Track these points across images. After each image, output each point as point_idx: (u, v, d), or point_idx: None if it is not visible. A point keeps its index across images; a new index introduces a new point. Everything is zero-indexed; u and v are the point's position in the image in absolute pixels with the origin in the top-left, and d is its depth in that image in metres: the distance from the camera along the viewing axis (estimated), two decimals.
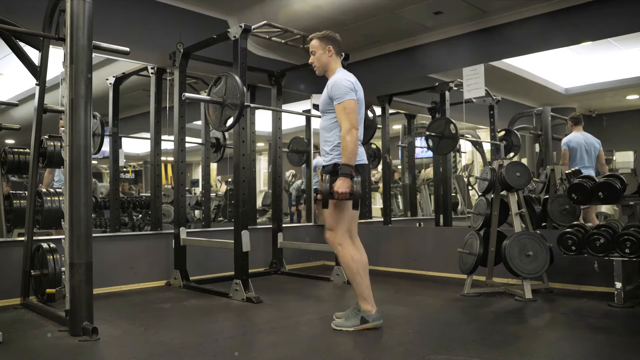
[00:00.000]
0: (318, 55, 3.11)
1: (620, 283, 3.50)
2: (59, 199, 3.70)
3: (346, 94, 2.92)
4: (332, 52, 3.09)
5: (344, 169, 2.84)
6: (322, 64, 3.12)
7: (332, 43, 3.09)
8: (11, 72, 4.84)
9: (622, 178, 3.73)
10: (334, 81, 3.00)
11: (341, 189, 2.81)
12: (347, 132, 2.87)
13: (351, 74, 3.08)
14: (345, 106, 2.90)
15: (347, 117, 2.89)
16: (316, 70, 3.18)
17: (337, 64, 3.12)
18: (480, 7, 4.79)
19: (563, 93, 5.62)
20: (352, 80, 3.00)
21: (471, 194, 6.71)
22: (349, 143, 2.85)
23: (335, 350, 2.69)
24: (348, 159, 2.85)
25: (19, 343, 2.76)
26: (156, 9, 4.83)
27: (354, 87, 2.97)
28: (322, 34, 3.12)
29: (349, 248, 2.99)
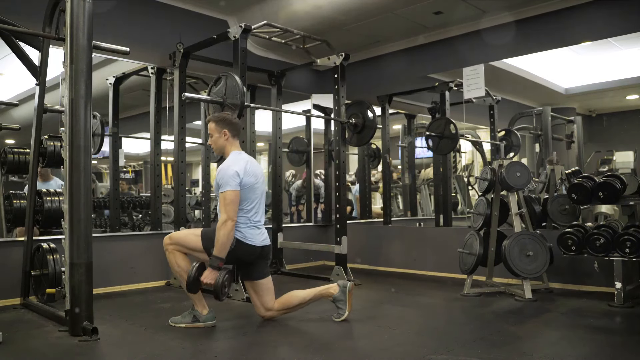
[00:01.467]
0: (215, 139, 3.14)
1: (620, 283, 3.50)
2: (59, 199, 3.70)
3: (227, 184, 2.93)
4: (227, 135, 3.12)
5: (213, 260, 2.92)
6: (219, 147, 3.16)
7: (228, 126, 3.13)
8: (11, 72, 4.83)
9: (622, 178, 3.73)
10: (221, 168, 3.05)
11: (206, 280, 2.92)
12: (221, 224, 2.90)
13: (242, 159, 3.07)
14: (225, 197, 2.92)
15: (225, 208, 2.91)
16: (214, 152, 3.23)
17: (233, 146, 3.15)
18: (480, 7, 4.79)
19: (563, 93, 5.62)
20: (237, 168, 2.98)
21: (471, 194, 6.71)
22: (220, 236, 2.89)
23: (335, 350, 2.69)
24: (219, 251, 2.91)
25: (19, 343, 2.76)
26: (156, 9, 4.83)
27: (238, 176, 2.96)
28: (218, 116, 3.17)
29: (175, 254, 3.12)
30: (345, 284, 3.18)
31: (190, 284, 2.96)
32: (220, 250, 2.91)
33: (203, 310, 3.10)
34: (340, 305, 3.16)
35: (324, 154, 6.28)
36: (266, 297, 3.17)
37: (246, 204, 3.02)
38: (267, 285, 3.17)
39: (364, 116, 4.84)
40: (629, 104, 5.38)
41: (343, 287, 3.16)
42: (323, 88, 6.12)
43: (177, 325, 3.10)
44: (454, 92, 5.43)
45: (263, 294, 3.16)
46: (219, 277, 2.91)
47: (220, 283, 2.91)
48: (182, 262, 3.10)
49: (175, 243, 3.12)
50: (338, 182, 4.74)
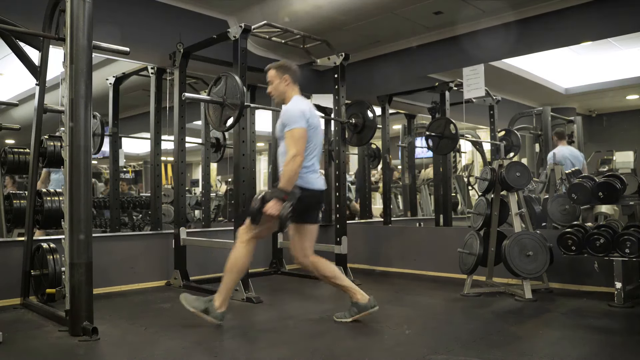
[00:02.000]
0: (275, 85, 3.19)
1: (620, 283, 3.50)
2: (59, 199, 3.70)
3: (295, 122, 2.99)
4: (288, 81, 3.18)
5: (278, 192, 2.92)
6: (279, 93, 3.20)
7: (288, 72, 3.19)
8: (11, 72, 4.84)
9: (622, 178, 3.73)
10: (286, 109, 3.10)
11: (270, 210, 2.88)
12: (291, 159, 2.94)
13: (306, 101, 3.18)
14: (294, 133, 2.97)
15: (294, 144, 2.96)
16: (275, 99, 3.27)
17: (293, 92, 3.20)
18: (480, 7, 4.79)
19: (563, 93, 5.62)
20: (304, 108, 3.06)
21: (471, 194, 6.72)
22: (288, 169, 2.93)
23: (335, 350, 2.69)
24: (285, 183, 2.93)
25: (19, 343, 2.76)
26: (156, 9, 4.83)
27: (305, 116, 3.02)
28: (279, 63, 3.22)
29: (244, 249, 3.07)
30: (375, 305, 3.12)
31: (255, 214, 2.92)
32: (286, 182, 2.91)
33: (221, 307, 3.03)
34: (352, 312, 3.12)
35: (324, 154, 6.28)
36: (309, 243, 3.19)
37: (309, 146, 3.04)
38: (314, 231, 3.20)
39: (364, 116, 4.84)
40: (629, 104, 5.38)
41: (372, 304, 3.11)
42: (323, 88, 6.10)
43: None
44: (454, 92, 5.43)
45: (307, 239, 3.19)
46: (284, 209, 2.87)
47: (285, 214, 2.87)
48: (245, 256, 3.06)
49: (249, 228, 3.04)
50: (338, 182, 4.74)
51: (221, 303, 3.02)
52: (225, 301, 3.05)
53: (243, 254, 3.06)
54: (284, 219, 2.89)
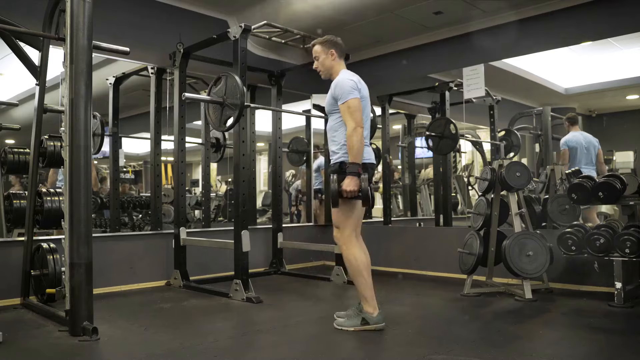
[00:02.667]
0: (322, 60, 3.17)
1: (620, 283, 3.50)
2: (59, 199, 3.70)
3: (349, 93, 2.94)
4: (334, 55, 3.15)
5: (352, 167, 2.86)
6: (326, 68, 3.17)
7: (334, 46, 3.15)
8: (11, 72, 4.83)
9: (622, 178, 3.73)
10: (337, 82, 3.05)
11: (349, 187, 2.84)
12: (352, 131, 2.89)
13: (354, 74, 3.11)
14: (350, 105, 2.93)
15: (352, 116, 2.91)
16: (321, 74, 3.22)
17: (340, 65, 3.17)
18: (480, 7, 4.79)
19: (563, 93, 5.61)
20: (354, 79, 3.03)
21: (471, 194, 6.71)
22: (354, 142, 2.88)
23: (335, 350, 2.69)
24: (354, 157, 2.88)
25: (19, 343, 2.76)
26: (156, 9, 4.83)
27: (357, 86, 3.00)
28: (324, 38, 3.19)
29: (353, 248, 2.99)
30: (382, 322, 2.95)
31: (335, 196, 2.87)
32: (356, 156, 2.87)
33: (374, 311, 2.95)
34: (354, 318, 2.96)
35: (324, 154, 6.27)
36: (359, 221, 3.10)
37: None
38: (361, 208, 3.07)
39: None
40: (629, 104, 5.37)
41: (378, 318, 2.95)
42: (323, 88, 6.10)
43: (345, 328, 2.95)
44: (454, 92, 5.42)
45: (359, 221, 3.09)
46: (363, 182, 2.82)
47: (366, 187, 2.82)
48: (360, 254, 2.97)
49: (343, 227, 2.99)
50: None
51: (372, 307, 2.95)
52: (372, 303, 2.95)
53: (355, 253, 2.98)
54: (366, 192, 2.83)
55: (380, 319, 2.96)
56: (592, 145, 5.00)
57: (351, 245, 3.00)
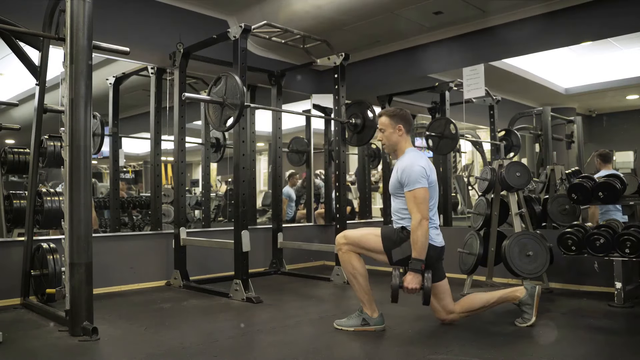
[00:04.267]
0: (387, 134, 2.99)
1: (620, 283, 3.50)
2: (59, 199, 3.70)
3: (417, 182, 2.78)
4: (402, 131, 2.98)
5: (415, 263, 2.76)
6: (392, 143, 3.01)
7: (403, 121, 2.98)
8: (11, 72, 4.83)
9: (622, 178, 3.73)
10: (405, 166, 2.86)
11: (411, 285, 2.76)
12: (417, 225, 2.75)
13: (423, 156, 2.95)
14: (416, 195, 2.77)
15: (418, 208, 2.76)
16: (385, 148, 3.10)
17: (407, 143, 3.01)
18: (480, 7, 4.79)
19: (563, 93, 5.62)
20: (423, 164, 2.85)
21: (471, 194, 6.71)
22: (419, 237, 2.74)
23: (335, 350, 2.69)
24: (419, 253, 2.76)
25: (19, 343, 2.76)
26: (156, 9, 4.83)
27: (426, 173, 2.83)
28: (393, 111, 3.03)
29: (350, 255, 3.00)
30: (533, 287, 2.96)
31: (395, 293, 2.81)
32: (420, 251, 2.75)
33: (373, 313, 2.96)
34: (527, 310, 2.96)
35: (324, 154, 6.28)
36: (447, 299, 3.00)
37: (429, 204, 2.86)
38: (446, 286, 2.99)
39: (364, 116, 4.83)
40: (629, 104, 5.37)
41: (531, 290, 2.95)
42: (323, 88, 6.12)
43: (344, 328, 2.96)
44: (454, 92, 5.43)
45: (444, 296, 2.99)
46: (426, 281, 2.74)
47: (429, 286, 2.75)
48: (357, 264, 2.96)
49: (351, 243, 2.98)
50: (338, 182, 4.74)
51: (371, 310, 2.97)
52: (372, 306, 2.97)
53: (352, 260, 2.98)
54: (427, 291, 2.76)
55: (380, 320, 2.97)
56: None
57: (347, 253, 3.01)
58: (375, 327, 2.95)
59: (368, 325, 2.94)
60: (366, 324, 2.95)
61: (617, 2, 4.29)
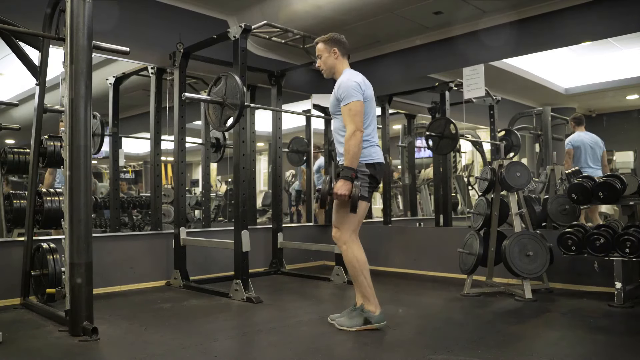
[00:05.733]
0: (324, 59, 3.14)
1: (620, 283, 3.50)
2: (59, 199, 3.70)
3: (352, 95, 2.91)
4: (337, 54, 3.11)
5: (345, 171, 2.85)
6: (329, 67, 3.14)
7: (337, 45, 3.12)
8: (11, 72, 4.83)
9: (622, 178, 3.73)
10: (340, 82, 3.02)
11: (340, 191, 2.83)
12: (350, 135, 2.86)
13: (359, 74, 3.07)
14: (351, 108, 2.89)
15: (352, 119, 2.88)
16: (323, 73, 3.20)
17: (343, 65, 3.14)
18: (480, 7, 4.79)
19: (563, 93, 5.62)
20: (358, 80, 2.98)
21: (471, 194, 6.71)
22: (351, 146, 2.85)
23: (335, 350, 2.69)
24: (350, 161, 2.85)
25: (19, 343, 2.76)
26: (156, 9, 4.83)
27: (360, 88, 2.95)
28: (327, 36, 3.15)
29: (353, 248, 2.99)
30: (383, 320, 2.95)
31: (323, 197, 2.87)
32: (351, 160, 2.84)
33: (375, 309, 2.96)
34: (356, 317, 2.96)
35: (324, 154, 6.27)
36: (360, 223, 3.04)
37: (366, 120, 2.95)
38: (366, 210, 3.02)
39: None
40: (629, 104, 5.37)
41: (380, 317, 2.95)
42: (323, 88, 6.11)
43: (347, 328, 2.94)
44: (454, 92, 5.42)
45: None
46: (355, 188, 2.79)
47: (356, 192, 2.78)
48: (361, 256, 2.98)
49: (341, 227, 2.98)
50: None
51: (374, 306, 2.97)
52: (373, 301, 2.97)
53: (356, 253, 2.98)
54: (355, 198, 2.80)
55: (381, 317, 2.97)
56: (597, 146, 4.98)
57: (351, 245, 2.99)
58: (377, 325, 2.95)
59: (370, 323, 2.95)
60: (368, 322, 2.95)
61: (617, 2, 4.29)
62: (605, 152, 4.99)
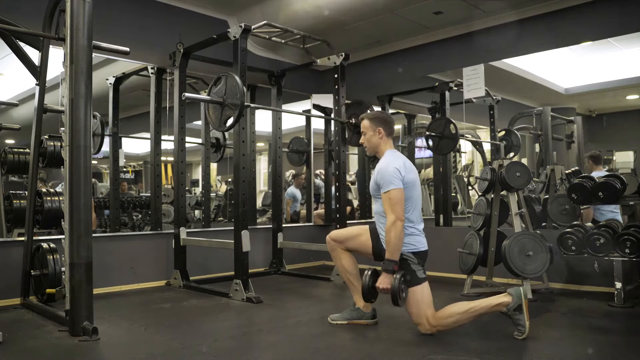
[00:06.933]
0: (368, 137, 3.05)
1: (620, 283, 3.50)
2: (59, 199, 3.70)
3: (391, 183, 2.81)
4: (382, 134, 3.02)
5: (387, 264, 2.78)
6: (372, 146, 3.06)
7: (382, 125, 3.03)
8: (11, 72, 4.84)
9: (622, 178, 3.72)
10: (380, 167, 2.94)
11: (382, 285, 2.78)
12: (391, 225, 2.77)
13: (400, 157, 2.99)
14: (391, 197, 2.80)
15: (392, 209, 2.78)
16: (367, 150, 3.16)
17: (387, 145, 3.04)
18: (481, 7, 4.79)
19: (563, 93, 5.62)
20: (398, 165, 2.87)
21: (471, 194, 6.71)
22: (392, 238, 2.76)
23: (335, 350, 2.69)
24: (391, 254, 2.78)
25: (19, 343, 2.76)
26: (156, 9, 4.83)
27: (400, 174, 2.84)
28: (374, 115, 3.10)
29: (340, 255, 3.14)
30: (517, 290, 2.79)
31: (366, 292, 2.88)
32: (392, 252, 2.77)
33: (365, 307, 3.10)
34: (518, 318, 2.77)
35: (324, 154, 6.28)
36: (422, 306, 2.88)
37: (408, 205, 2.86)
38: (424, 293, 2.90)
39: None
40: (629, 104, 5.37)
41: (516, 293, 2.78)
42: (323, 88, 6.11)
43: (339, 322, 3.10)
44: (454, 92, 5.43)
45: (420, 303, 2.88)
46: (395, 282, 2.73)
47: (397, 287, 2.73)
48: (347, 263, 3.11)
49: (339, 242, 3.12)
50: (338, 182, 4.74)
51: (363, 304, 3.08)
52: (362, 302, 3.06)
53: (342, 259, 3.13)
54: (396, 291, 2.74)
55: (370, 315, 3.11)
56: None
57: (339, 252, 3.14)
58: (367, 322, 3.09)
59: (361, 319, 3.08)
60: (359, 317, 3.09)
61: (617, 2, 4.29)
62: None
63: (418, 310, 2.84)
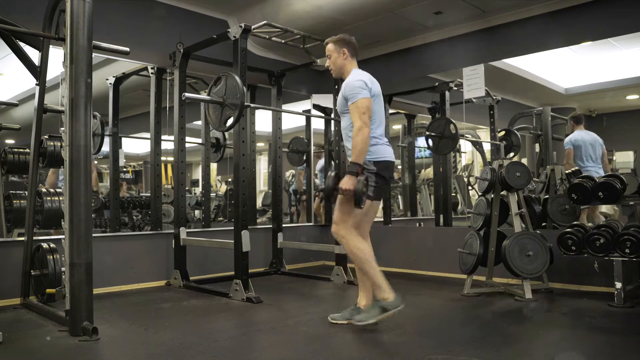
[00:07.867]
0: (333, 59, 3.19)
1: (620, 283, 3.50)
2: (59, 199, 3.70)
3: (358, 93, 2.96)
4: (346, 54, 3.16)
5: (352, 167, 2.89)
6: (338, 67, 3.19)
7: (346, 45, 3.16)
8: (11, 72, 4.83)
9: (622, 178, 3.73)
10: (347, 82, 3.07)
11: (345, 186, 2.86)
12: (357, 131, 2.90)
13: (365, 73, 3.12)
14: (358, 105, 2.94)
15: (359, 117, 2.92)
16: (332, 72, 3.25)
17: (352, 65, 3.18)
18: (480, 7, 4.79)
19: (563, 93, 5.61)
20: (364, 78, 3.03)
21: (471, 194, 6.71)
22: (357, 142, 2.89)
23: (335, 350, 2.69)
24: (356, 157, 2.89)
25: (19, 343, 2.76)
26: (156, 9, 4.83)
27: (367, 85, 3.00)
28: (337, 37, 3.20)
29: (352, 239, 3.00)
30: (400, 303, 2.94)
31: (329, 192, 2.92)
32: (357, 155, 2.88)
33: (389, 295, 2.94)
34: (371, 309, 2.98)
35: (324, 154, 6.27)
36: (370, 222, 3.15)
37: (373, 117, 2.99)
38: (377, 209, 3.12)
39: None
40: (629, 104, 5.37)
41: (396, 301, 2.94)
42: (323, 88, 6.12)
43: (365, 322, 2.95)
44: (454, 92, 5.43)
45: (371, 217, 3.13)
46: (359, 184, 2.82)
47: (360, 188, 2.81)
48: (364, 246, 3.01)
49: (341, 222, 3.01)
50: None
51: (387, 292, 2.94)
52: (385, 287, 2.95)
53: (357, 243, 2.99)
54: (360, 194, 2.82)
55: (397, 301, 2.94)
56: (597, 144, 4.98)
57: (350, 237, 3.00)
58: (395, 310, 2.93)
59: (387, 311, 2.93)
60: (385, 310, 2.93)
61: (617, 2, 4.29)
62: (605, 151, 4.99)
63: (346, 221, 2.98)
